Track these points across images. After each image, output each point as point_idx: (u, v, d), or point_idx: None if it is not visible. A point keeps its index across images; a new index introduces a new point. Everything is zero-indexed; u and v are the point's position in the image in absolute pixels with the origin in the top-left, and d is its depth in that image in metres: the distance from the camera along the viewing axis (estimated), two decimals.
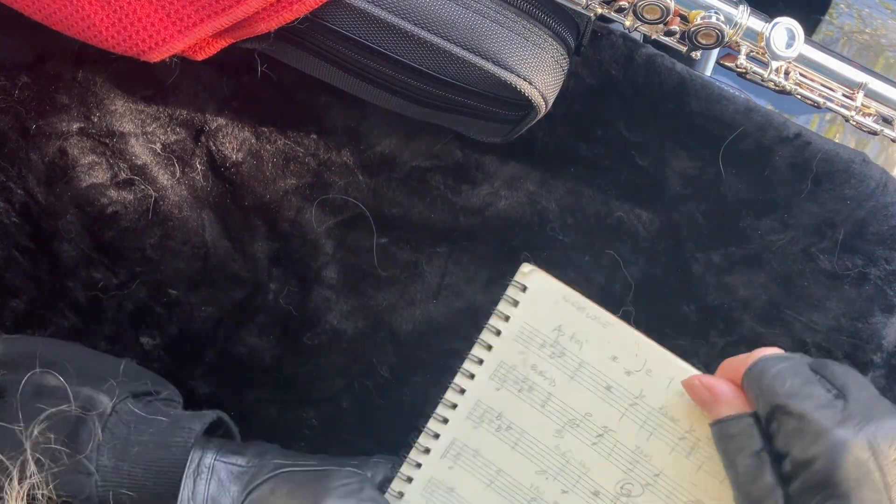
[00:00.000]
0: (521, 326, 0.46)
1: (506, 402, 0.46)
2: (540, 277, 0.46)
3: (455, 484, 0.46)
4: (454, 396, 0.46)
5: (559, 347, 0.45)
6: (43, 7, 0.42)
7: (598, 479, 0.45)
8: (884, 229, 0.50)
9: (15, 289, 0.55)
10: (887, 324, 0.51)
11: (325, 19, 0.43)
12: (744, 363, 0.42)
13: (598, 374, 0.45)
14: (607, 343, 0.45)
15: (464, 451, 0.46)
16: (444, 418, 0.47)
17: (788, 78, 0.44)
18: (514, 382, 0.46)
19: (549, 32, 0.45)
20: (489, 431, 0.46)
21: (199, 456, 0.45)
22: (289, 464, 0.46)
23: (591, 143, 0.52)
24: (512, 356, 0.46)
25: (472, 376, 0.46)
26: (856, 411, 0.38)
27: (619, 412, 0.45)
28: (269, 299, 0.56)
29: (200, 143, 0.53)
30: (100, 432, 0.45)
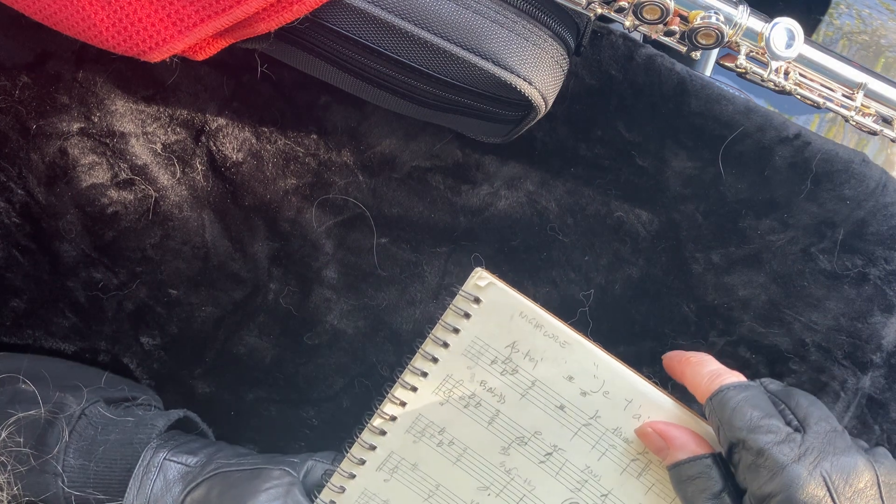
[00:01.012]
0: (471, 341, 0.44)
1: (450, 417, 0.44)
2: (496, 291, 0.44)
3: (390, 497, 0.45)
4: (394, 409, 0.45)
5: (511, 364, 0.44)
6: (43, 7, 0.42)
7: (543, 498, 0.44)
8: (883, 229, 0.50)
9: (15, 289, 0.55)
10: (887, 324, 0.51)
11: (325, 19, 0.43)
12: (698, 379, 0.42)
13: (551, 394, 0.44)
14: (564, 362, 0.43)
15: (401, 464, 0.45)
16: (381, 430, 0.45)
17: (788, 78, 0.44)
18: (461, 398, 0.44)
19: (549, 32, 0.45)
20: (430, 446, 0.44)
21: (151, 455, 0.46)
22: (230, 464, 0.46)
23: (591, 143, 0.52)
24: (459, 370, 0.44)
25: (414, 389, 0.44)
26: (813, 446, 0.39)
27: (570, 432, 0.44)
28: (269, 299, 0.56)
29: (201, 144, 0.53)
30: (66, 434, 0.46)
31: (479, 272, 0.44)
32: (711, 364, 0.43)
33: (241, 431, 0.58)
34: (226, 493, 0.44)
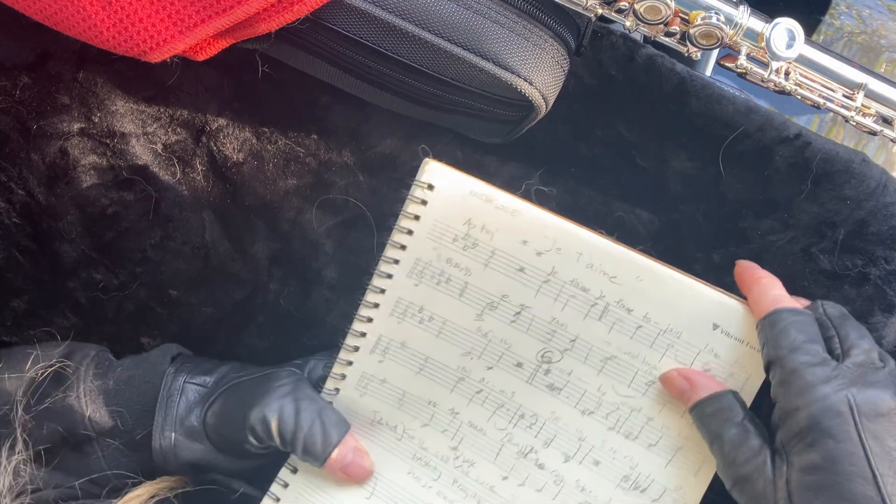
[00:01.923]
0: (432, 224, 0.48)
1: (425, 296, 0.48)
2: (445, 174, 0.47)
3: (386, 375, 0.49)
4: (375, 297, 0.49)
5: (471, 239, 0.47)
6: (44, 7, 0.42)
7: (520, 352, 0.48)
8: (884, 229, 0.50)
9: (16, 289, 0.55)
10: (887, 323, 0.51)
11: (325, 20, 0.43)
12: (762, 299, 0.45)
13: (510, 259, 0.47)
14: (517, 229, 0.47)
15: (391, 345, 0.49)
16: (367, 318, 0.49)
17: (788, 78, 0.44)
18: (432, 277, 0.48)
19: (549, 33, 0.45)
20: (413, 324, 0.49)
21: (171, 379, 0.50)
22: (239, 376, 0.50)
23: (591, 143, 0.52)
24: (426, 252, 0.48)
25: (389, 276, 0.48)
26: (845, 373, 0.41)
27: (533, 290, 0.47)
28: (269, 299, 0.56)
29: (201, 144, 0.53)
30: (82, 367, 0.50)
31: (427, 162, 0.47)
32: (777, 288, 0.46)
33: None
34: (242, 398, 0.48)
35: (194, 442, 0.49)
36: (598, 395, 0.48)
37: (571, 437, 0.48)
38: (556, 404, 0.48)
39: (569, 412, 0.48)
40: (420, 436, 0.50)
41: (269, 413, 0.47)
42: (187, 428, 0.49)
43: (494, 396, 0.49)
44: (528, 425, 0.49)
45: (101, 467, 0.49)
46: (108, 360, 0.51)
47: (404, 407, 0.50)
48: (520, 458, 0.49)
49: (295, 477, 0.49)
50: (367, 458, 0.49)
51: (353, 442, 0.49)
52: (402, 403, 0.50)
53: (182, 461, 0.49)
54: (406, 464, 0.49)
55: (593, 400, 0.48)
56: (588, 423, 0.48)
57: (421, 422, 0.50)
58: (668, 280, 0.47)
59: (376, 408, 0.50)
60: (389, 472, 0.49)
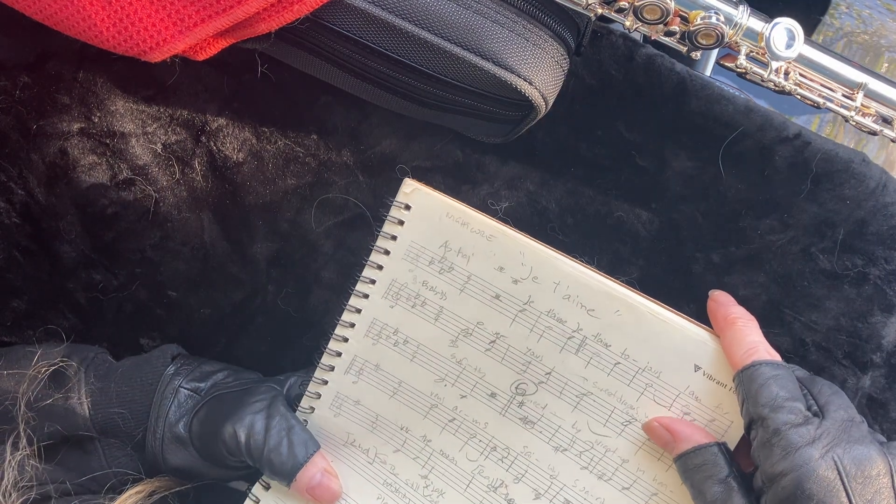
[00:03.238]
0: (408, 245, 0.47)
1: (401, 318, 0.48)
2: (422, 195, 0.47)
3: (361, 397, 0.49)
4: (351, 316, 0.49)
5: (447, 263, 0.47)
6: (44, 7, 0.42)
7: (494, 382, 0.47)
8: (883, 229, 0.50)
9: (15, 289, 0.55)
10: (887, 323, 0.51)
11: (325, 19, 0.43)
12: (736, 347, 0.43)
13: (486, 285, 0.47)
14: (493, 255, 0.46)
15: (366, 366, 0.49)
16: (343, 337, 0.49)
17: (788, 78, 0.44)
18: (407, 299, 0.48)
19: (549, 33, 0.45)
20: (387, 346, 0.48)
21: (168, 380, 0.50)
22: (228, 385, 0.50)
23: (591, 143, 0.52)
24: (402, 274, 0.47)
25: (366, 296, 0.48)
26: (828, 431, 0.40)
27: (508, 319, 0.47)
28: (268, 300, 0.56)
29: (201, 144, 0.53)
30: (82, 368, 0.50)
31: (406, 182, 0.47)
32: (754, 333, 0.44)
33: None
34: (220, 411, 0.48)
35: (181, 448, 0.49)
36: (573, 431, 0.46)
37: (543, 473, 0.47)
38: (530, 438, 0.47)
39: (542, 447, 0.47)
40: (392, 461, 0.49)
41: (240, 428, 0.46)
42: (175, 434, 0.49)
43: (467, 426, 0.48)
44: (499, 458, 0.47)
45: (102, 465, 0.49)
46: (108, 362, 0.51)
47: (377, 430, 0.49)
48: (489, 491, 0.47)
49: (267, 494, 0.49)
50: (336, 480, 0.48)
51: (322, 463, 0.48)
52: (376, 427, 0.49)
53: (170, 466, 0.49)
54: (376, 489, 0.49)
55: (567, 436, 0.46)
56: (561, 461, 0.46)
57: (393, 447, 0.49)
58: (647, 316, 0.45)
59: (350, 429, 0.49)
60: (359, 497, 0.49)
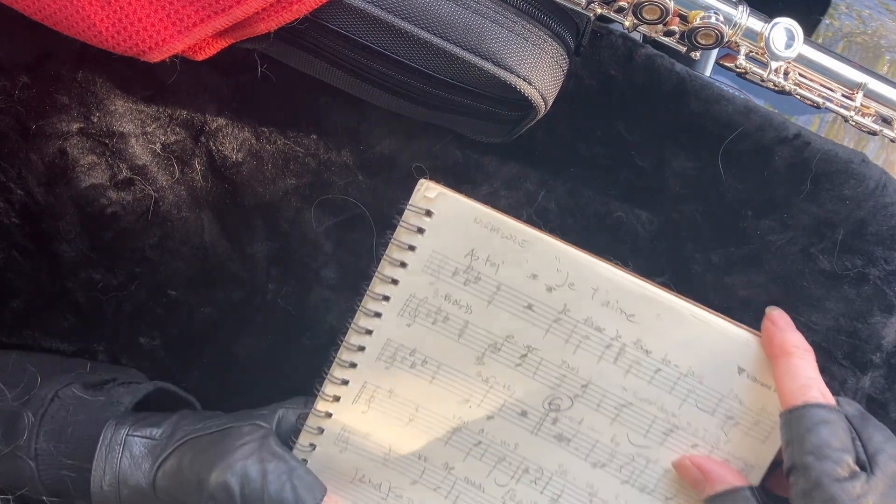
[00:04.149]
0: (429, 256, 0.42)
1: (419, 337, 0.43)
2: (447, 200, 0.41)
3: (371, 428, 0.44)
4: (360, 339, 0.43)
5: (473, 273, 0.42)
6: (43, 7, 0.42)
7: (525, 399, 0.44)
8: (883, 229, 0.50)
9: (15, 289, 0.55)
10: (887, 324, 0.51)
11: (324, 19, 0.43)
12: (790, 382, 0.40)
13: (517, 295, 0.43)
14: (526, 261, 0.42)
15: (377, 393, 0.44)
16: (350, 363, 0.43)
17: (788, 78, 0.44)
18: (427, 315, 0.43)
19: (548, 33, 0.45)
20: (403, 369, 0.43)
21: (112, 432, 0.44)
22: (197, 429, 0.45)
23: (590, 144, 0.52)
24: (422, 288, 0.42)
25: (378, 315, 0.43)
26: (875, 489, 0.37)
27: (542, 330, 0.43)
28: (268, 299, 0.56)
29: (200, 144, 0.53)
30: (31, 417, 0.45)
31: (424, 184, 0.42)
32: (808, 369, 0.41)
33: None
34: (197, 458, 0.43)
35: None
36: (612, 445, 0.44)
37: (581, 492, 0.44)
38: (565, 456, 0.44)
39: (578, 465, 0.44)
40: (409, 495, 0.45)
41: (232, 477, 0.41)
42: (133, 488, 0.43)
43: (495, 449, 0.44)
44: (532, 480, 0.44)
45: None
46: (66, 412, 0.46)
47: (391, 462, 0.44)
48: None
49: None
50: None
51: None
52: (389, 459, 0.44)
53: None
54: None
55: (606, 451, 0.44)
56: (599, 477, 0.44)
57: (410, 479, 0.44)
58: (689, 318, 0.42)
59: (358, 464, 0.45)
60: None
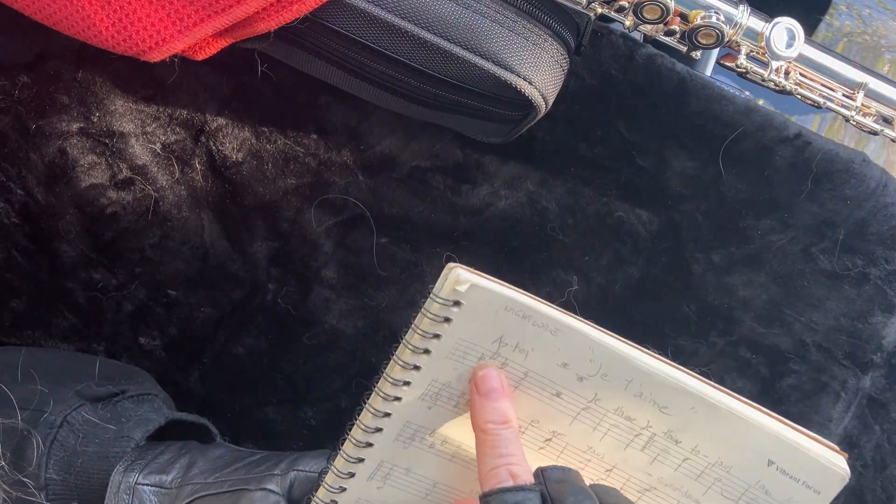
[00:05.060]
0: (455, 344, 0.40)
1: (439, 419, 0.42)
2: (479, 292, 0.40)
3: (386, 500, 0.43)
4: (377, 421, 0.41)
5: (500, 359, 0.40)
6: (43, 7, 0.42)
7: None
8: (884, 229, 0.50)
9: (14, 289, 0.55)
10: (887, 324, 0.51)
11: (325, 19, 0.43)
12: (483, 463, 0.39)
13: (546, 383, 0.41)
14: (557, 350, 0.40)
15: (393, 471, 0.43)
16: (366, 443, 0.42)
17: (788, 78, 0.44)
18: (449, 399, 0.41)
19: (549, 32, 0.45)
20: (421, 449, 0.42)
21: (121, 478, 0.43)
22: (207, 484, 0.43)
23: (591, 143, 0.52)
24: (445, 374, 0.41)
25: (397, 399, 0.41)
26: None
27: (569, 417, 0.41)
28: (268, 299, 0.56)
29: (200, 143, 0.53)
30: (41, 444, 0.44)
31: (454, 272, 0.40)
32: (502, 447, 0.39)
33: (239, 432, 0.57)
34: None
35: None
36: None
37: None
38: None
39: None
40: None
41: None
42: None
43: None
44: None
45: None
46: (74, 439, 0.45)
47: None
48: None
49: None
50: None
51: None
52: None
53: None
54: None
55: None
56: None
57: None
58: (725, 413, 0.41)
59: None
60: None
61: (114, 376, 0.51)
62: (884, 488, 0.56)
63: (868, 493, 0.56)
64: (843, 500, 0.56)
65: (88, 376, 0.49)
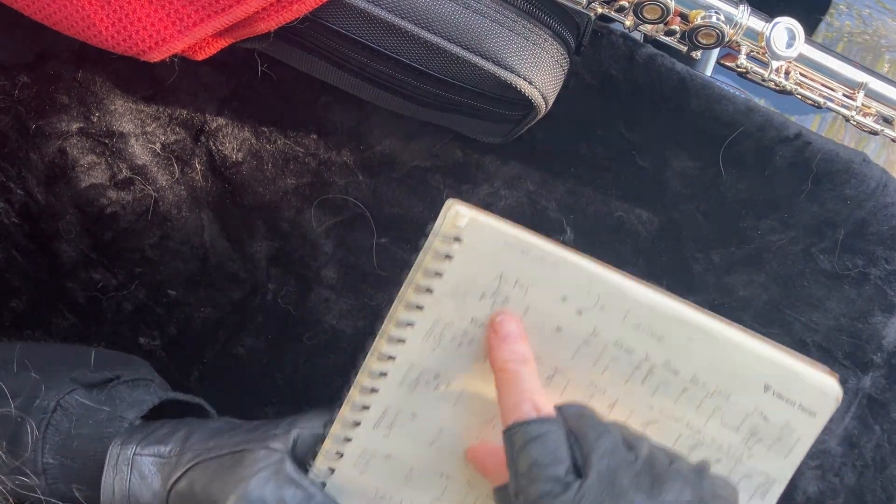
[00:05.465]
0: (456, 281, 0.41)
1: (444, 361, 0.42)
2: (479, 227, 0.40)
3: (392, 450, 0.43)
4: (382, 365, 0.42)
5: (501, 296, 0.41)
6: (43, 7, 0.42)
7: None
8: (884, 229, 0.50)
9: (14, 289, 0.55)
10: (887, 324, 0.51)
11: (325, 19, 0.43)
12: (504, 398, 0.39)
13: (546, 318, 0.41)
14: (556, 284, 0.41)
15: (399, 417, 0.42)
16: (371, 388, 0.42)
17: (789, 78, 0.44)
18: (452, 339, 0.41)
19: (549, 32, 0.45)
20: (426, 392, 0.42)
21: (119, 450, 0.43)
22: (207, 448, 0.43)
23: (591, 143, 0.52)
24: (448, 313, 0.41)
25: (401, 341, 0.42)
26: (589, 493, 0.35)
27: (570, 352, 0.42)
28: (267, 299, 0.56)
29: (200, 143, 0.53)
30: (35, 430, 0.43)
31: (453, 208, 0.40)
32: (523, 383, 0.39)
33: None
34: (210, 485, 0.41)
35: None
36: None
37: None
38: None
39: None
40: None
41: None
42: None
43: None
44: None
45: None
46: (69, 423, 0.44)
47: (412, 482, 0.43)
48: None
49: None
50: None
51: None
52: (410, 478, 0.43)
53: None
54: None
55: None
56: None
57: (432, 496, 0.43)
58: (720, 340, 0.42)
59: (378, 484, 0.43)
60: None
61: (109, 364, 0.51)
62: (884, 488, 0.56)
63: (868, 493, 0.56)
64: (843, 500, 0.56)
65: (83, 364, 0.49)
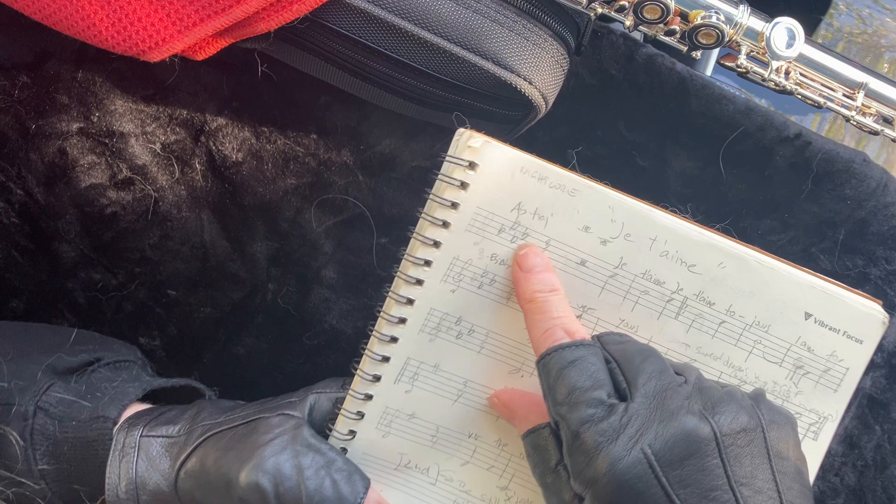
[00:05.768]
0: (473, 213, 0.38)
1: (465, 304, 0.39)
2: (493, 150, 0.38)
3: (416, 408, 0.40)
4: (400, 309, 0.39)
5: (521, 229, 0.38)
6: (43, 7, 0.42)
7: None
8: (884, 229, 0.50)
9: (14, 289, 0.55)
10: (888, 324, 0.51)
11: (325, 19, 0.43)
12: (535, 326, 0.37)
13: (569, 250, 0.39)
14: (577, 212, 0.39)
15: (421, 368, 0.40)
16: (390, 336, 0.39)
17: (789, 78, 0.44)
18: (472, 279, 0.39)
19: (549, 32, 0.45)
20: (448, 340, 0.39)
21: (125, 436, 0.41)
22: (218, 423, 0.41)
23: (591, 143, 0.52)
24: (466, 249, 0.39)
25: (419, 282, 0.39)
26: (636, 415, 0.34)
27: (597, 287, 0.39)
28: (268, 299, 0.56)
29: (200, 143, 0.53)
30: (19, 440, 0.41)
31: (465, 133, 0.38)
32: (553, 311, 0.37)
33: None
34: (222, 457, 0.39)
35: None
36: None
37: None
38: None
39: None
40: (460, 477, 0.41)
41: (262, 476, 0.37)
42: (152, 492, 0.39)
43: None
44: None
45: None
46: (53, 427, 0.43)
47: (439, 444, 0.41)
48: None
49: None
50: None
51: (375, 496, 0.40)
52: (437, 440, 0.41)
53: None
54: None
55: None
56: None
57: (461, 460, 0.41)
58: (754, 265, 0.39)
59: (403, 449, 0.41)
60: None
61: (89, 345, 0.49)
62: (884, 488, 0.56)
63: (868, 493, 0.56)
64: (843, 500, 0.56)
65: (60, 346, 0.47)
